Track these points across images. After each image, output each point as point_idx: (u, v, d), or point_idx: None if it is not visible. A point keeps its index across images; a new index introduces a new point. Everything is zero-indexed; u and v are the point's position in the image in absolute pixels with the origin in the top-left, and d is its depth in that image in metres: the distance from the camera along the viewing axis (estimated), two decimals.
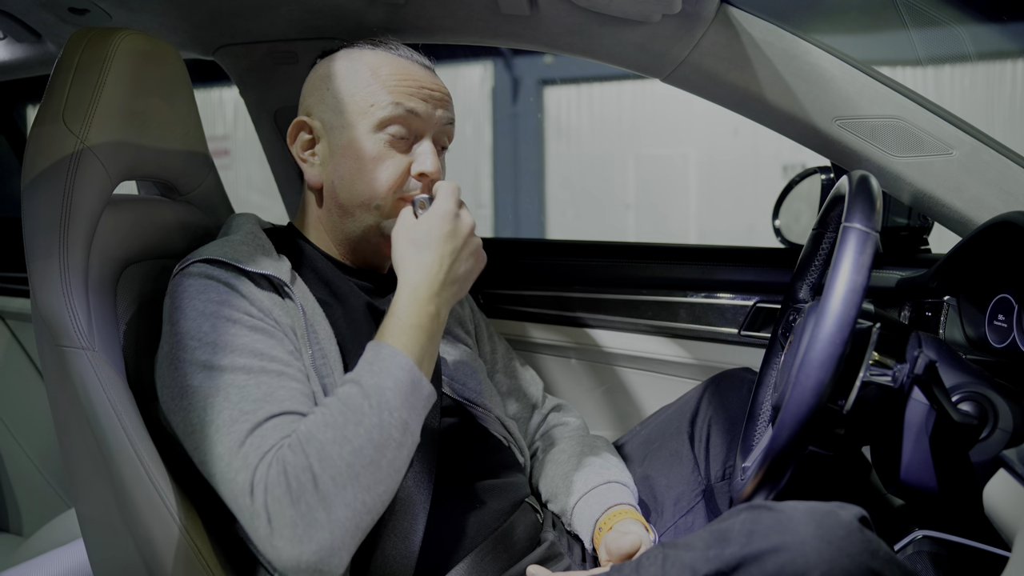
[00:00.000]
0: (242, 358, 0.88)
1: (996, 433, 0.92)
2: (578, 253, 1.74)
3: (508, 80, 6.57)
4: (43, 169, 1.01)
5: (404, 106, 1.04)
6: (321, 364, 0.97)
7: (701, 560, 0.73)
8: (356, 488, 0.81)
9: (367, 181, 1.05)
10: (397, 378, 0.86)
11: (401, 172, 1.05)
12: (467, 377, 1.15)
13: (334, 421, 0.82)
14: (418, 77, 1.07)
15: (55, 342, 0.97)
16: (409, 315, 0.92)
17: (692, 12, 1.13)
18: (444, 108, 1.09)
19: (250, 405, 0.85)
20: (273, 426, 0.84)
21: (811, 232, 1.15)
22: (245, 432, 0.83)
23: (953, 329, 1.12)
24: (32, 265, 0.99)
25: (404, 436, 0.85)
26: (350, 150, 1.05)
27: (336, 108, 1.07)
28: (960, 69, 5.02)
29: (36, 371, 2.05)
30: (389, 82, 1.05)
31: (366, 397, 0.84)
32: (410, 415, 0.86)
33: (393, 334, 0.90)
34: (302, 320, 0.98)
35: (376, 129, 1.04)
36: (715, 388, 1.27)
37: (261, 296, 0.96)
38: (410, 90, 1.05)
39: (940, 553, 0.97)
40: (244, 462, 0.82)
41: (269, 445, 0.82)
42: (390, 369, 0.87)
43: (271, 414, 0.85)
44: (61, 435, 1.05)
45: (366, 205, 1.06)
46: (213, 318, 0.91)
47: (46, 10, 1.33)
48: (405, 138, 1.05)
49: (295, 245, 1.10)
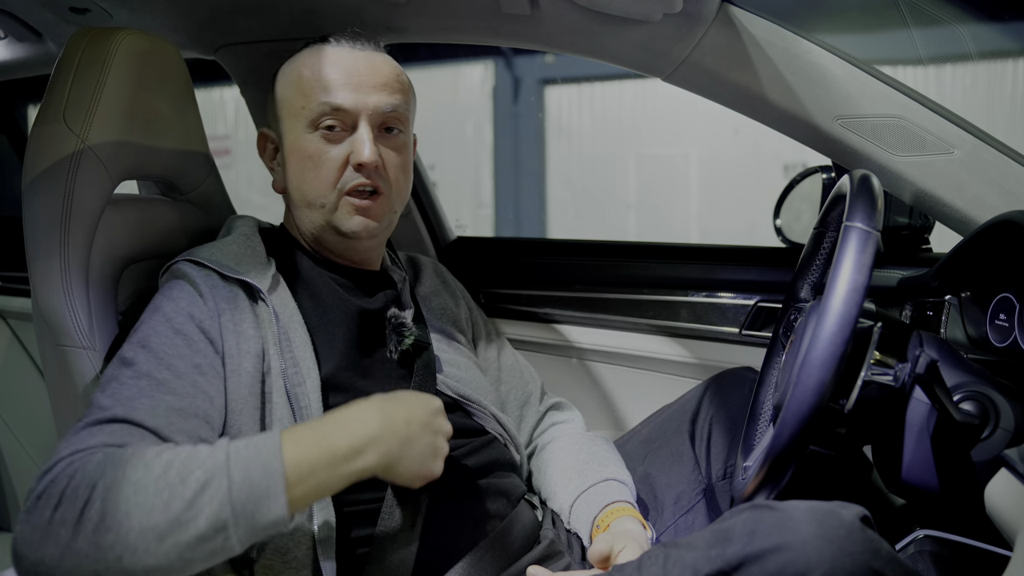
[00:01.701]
0: (142, 355, 0.88)
1: (997, 432, 0.92)
2: (579, 253, 1.74)
3: (509, 79, 6.57)
4: (44, 169, 1.01)
5: (330, 102, 1.03)
6: (292, 373, 0.96)
7: (703, 560, 0.73)
8: (117, 538, 0.70)
9: (309, 181, 1.05)
10: (249, 476, 0.75)
11: (338, 167, 1.04)
12: (463, 374, 1.15)
13: (153, 466, 0.74)
14: (347, 67, 1.05)
15: (56, 341, 0.98)
16: (329, 434, 0.81)
17: (693, 11, 1.13)
18: (381, 92, 1.05)
19: (109, 402, 0.83)
20: (110, 430, 0.80)
21: (812, 231, 1.15)
22: (85, 424, 0.80)
23: (954, 328, 1.12)
24: (33, 265, 1.00)
25: (214, 534, 0.73)
26: (293, 153, 1.06)
27: (279, 115, 1.09)
28: (961, 68, 5.02)
29: (37, 370, 2.05)
30: (316, 79, 1.04)
31: (202, 468, 0.74)
32: (238, 520, 0.73)
33: (296, 439, 0.80)
34: (274, 327, 0.97)
35: (309, 128, 1.04)
36: (716, 387, 1.27)
37: (226, 301, 0.96)
38: (337, 82, 1.04)
39: (942, 552, 0.97)
40: (64, 447, 0.78)
41: (88, 444, 0.77)
42: (250, 464, 0.76)
43: (115, 417, 0.81)
44: (62, 434, 1.05)
45: (313, 204, 1.06)
46: (156, 313, 0.93)
47: (47, 9, 1.33)
48: (341, 130, 1.04)
49: (284, 246, 1.11)
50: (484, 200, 6.63)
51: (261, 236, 1.10)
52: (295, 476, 0.77)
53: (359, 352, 1.05)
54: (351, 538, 0.96)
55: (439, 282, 1.30)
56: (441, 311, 1.25)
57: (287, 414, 0.94)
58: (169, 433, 0.82)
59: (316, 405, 0.96)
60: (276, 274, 1.04)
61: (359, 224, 1.05)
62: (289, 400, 0.95)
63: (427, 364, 1.10)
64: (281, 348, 0.97)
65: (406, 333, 1.08)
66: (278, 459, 0.76)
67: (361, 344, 1.06)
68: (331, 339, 1.03)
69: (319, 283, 1.08)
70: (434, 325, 1.20)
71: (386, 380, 1.06)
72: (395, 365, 1.08)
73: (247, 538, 0.75)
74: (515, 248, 1.86)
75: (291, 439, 0.79)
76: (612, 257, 1.69)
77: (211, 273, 0.98)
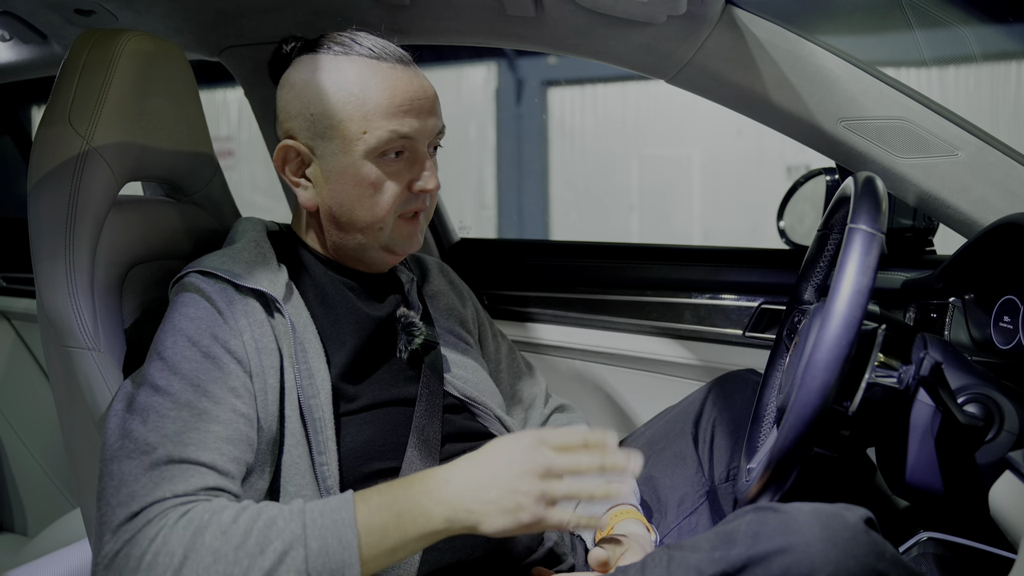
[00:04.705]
0: (177, 383, 0.87)
1: (1002, 435, 0.92)
2: (582, 254, 1.74)
3: (512, 81, 6.57)
4: (49, 170, 1.01)
5: (399, 132, 0.99)
6: (308, 385, 0.96)
7: (707, 561, 0.73)
8: None
9: (368, 207, 1.02)
10: (326, 547, 0.77)
11: (400, 193, 1.02)
12: (469, 375, 1.15)
13: (232, 535, 0.76)
14: (406, 89, 1.00)
15: (60, 342, 0.98)
16: (401, 499, 0.80)
17: (697, 13, 1.13)
18: (434, 115, 1.03)
19: (156, 438, 0.82)
20: (171, 474, 0.80)
21: (816, 233, 1.15)
22: (144, 468, 0.81)
23: (958, 331, 1.12)
24: (38, 266, 1.00)
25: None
26: (345, 177, 1.01)
27: (323, 134, 1.01)
28: (965, 70, 5.01)
29: (41, 371, 2.06)
30: (379, 103, 0.99)
31: (280, 539, 0.77)
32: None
33: (368, 503, 0.80)
34: (290, 339, 0.96)
35: (371, 155, 1.00)
36: (719, 389, 1.27)
37: (245, 316, 0.95)
38: (402, 108, 0.99)
39: (945, 555, 0.97)
40: (129, 496, 0.79)
41: (159, 496, 0.79)
42: (327, 534, 0.78)
43: (171, 458, 0.81)
44: (66, 435, 1.06)
45: (369, 229, 1.03)
46: (179, 334, 0.91)
47: (52, 11, 1.33)
48: (403, 157, 1.02)
49: (294, 251, 1.09)
50: (487, 201, 6.63)
51: (270, 240, 1.08)
52: (368, 543, 0.79)
53: (367, 357, 1.04)
54: None
55: (446, 282, 1.30)
56: (448, 311, 1.25)
57: (299, 428, 0.94)
58: (224, 464, 0.84)
59: (328, 417, 0.95)
60: (289, 282, 1.02)
61: (416, 243, 1.08)
62: (302, 412, 0.94)
63: (434, 364, 1.10)
64: (296, 360, 0.96)
65: (416, 332, 1.08)
66: (353, 531, 0.78)
67: (370, 349, 1.05)
68: (341, 347, 1.02)
69: (331, 289, 1.06)
70: (441, 324, 1.20)
71: (393, 382, 1.05)
72: (404, 366, 1.08)
73: None
74: (518, 250, 1.86)
75: (363, 504, 0.80)
76: (615, 259, 1.69)
77: (225, 286, 0.96)
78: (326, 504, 0.80)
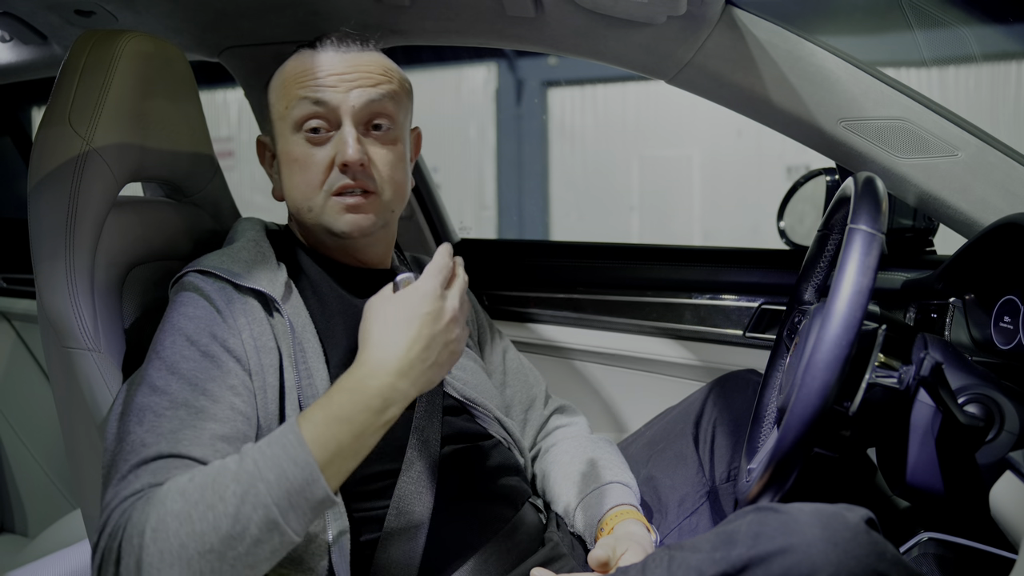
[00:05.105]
0: (174, 383, 0.87)
1: (1002, 435, 0.92)
2: (582, 255, 1.74)
3: (512, 81, 6.57)
4: (49, 171, 1.01)
5: (310, 99, 1.01)
6: (307, 385, 0.96)
7: (707, 562, 0.73)
8: (183, 570, 0.74)
9: (297, 185, 1.04)
10: (283, 472, 0.77)
11: (324, 169, 1.02)
12: (469, 377, 1.15)
13: (190, 493, 0.76)
14: (327, 65, 1.03)
15: (61, 343, 0.98)
16: (344, 404, 0.81)
17: (697, 14, 1.13)
18: (362, 87, 1.02)
19: (152, 437, 0.83)
20: (154, 468, 0.81)
21: (816, 234, 1.15)
22: (132, 465, 0.81)
23: (959, 331, 1.12)
24: (38, 267, 1.00)
25: (269, 534, 0.76)
26: (283, 158, 1.06)
27: (272, 121, 1.08)
28: (965, 70, 5.01)
29: (42, 372, 2.06)
30: (296, 80, 1.03)
31: (236, 480, 0.77)
32: (287, 515, 0.77)
33: (313, 421, 0.80)
34: (289, 339, 0.96)
35: (295, 130, 1.03)
36: (720, 390, 1.27)
37: (244, 315, 0.95)
38: (316, 81, 1.02)
39: (946, 555, 0.97)
40: (112, 495, 0.80)
41: (134, 489, 0.79)
42: (280, 461, 0.78)
43: (160, 454, 0.81)
44: (67, 436, 1.06)
45: (305, 208, 1.04)
46: (178, 334, 0.91)
47: (52, 12, 1.33)
48: (325, 131, 1.02)
49: (291, 249, 1.10)
50: (487, 202, 6.63)
51: (269, 239, 1.09)
52: (324, 456, 0.79)
53: None
54: (360, 542, 0.96)
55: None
56: None
57: None
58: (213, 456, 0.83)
59: None
60: (288, 281, 1.02)
61: (349, 223, 1.03)
62: (301, 410, 0.94)
63: None
64: (296, 360, 0.96)
65: None
66: (304, 449, 0.78)
67: None
68: (336, 345, 1.02)
69: (325, 287, 1.07)
70: None
71: None
72: None
73: (302, 526, 0.79)
74: (519, 250, 1.86)
75: (308, 423, 0.80)
76: (615, 259, 1.69)
77: (224, 285, 0.96)
78: (271, 436, 0.81)
